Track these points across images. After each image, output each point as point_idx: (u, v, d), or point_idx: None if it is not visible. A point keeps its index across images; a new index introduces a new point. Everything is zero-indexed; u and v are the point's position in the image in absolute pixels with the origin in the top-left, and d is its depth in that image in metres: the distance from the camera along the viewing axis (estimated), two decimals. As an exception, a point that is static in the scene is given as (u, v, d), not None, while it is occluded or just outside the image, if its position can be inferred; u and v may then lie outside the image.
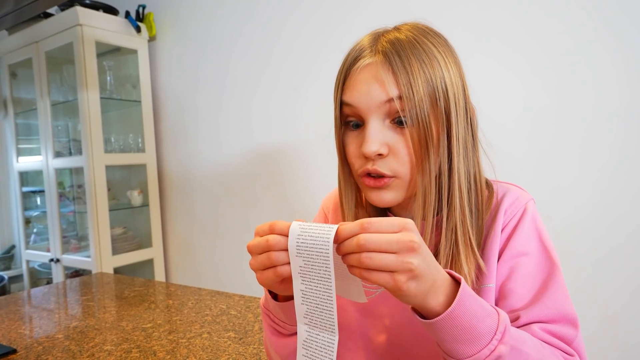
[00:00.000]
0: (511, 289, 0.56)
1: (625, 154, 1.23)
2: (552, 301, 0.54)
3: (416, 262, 0.41)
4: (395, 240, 0.41)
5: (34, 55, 2.30)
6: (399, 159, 0.56)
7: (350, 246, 0.42)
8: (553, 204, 1.33)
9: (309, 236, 0.44)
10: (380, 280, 0.41)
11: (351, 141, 0.59)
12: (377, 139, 0.55)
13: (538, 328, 0.53)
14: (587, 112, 1.28)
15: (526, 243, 0.58)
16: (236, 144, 2.10)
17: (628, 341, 1.25)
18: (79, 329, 1.08)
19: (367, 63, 0.55)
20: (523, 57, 1.36)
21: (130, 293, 1.36)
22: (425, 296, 0.43)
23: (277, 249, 0.45)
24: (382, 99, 0.54)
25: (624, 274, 1.25)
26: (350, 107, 0.57)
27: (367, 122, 0.56)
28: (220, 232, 2.21)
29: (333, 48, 1.75)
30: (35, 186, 2.63)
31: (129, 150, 2.35)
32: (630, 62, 1.21)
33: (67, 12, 2.09)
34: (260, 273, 0.47)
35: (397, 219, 0.42)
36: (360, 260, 0.41)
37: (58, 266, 2.33)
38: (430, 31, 0.58)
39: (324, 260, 0.43)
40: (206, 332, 1.02)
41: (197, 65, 2.21)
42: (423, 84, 0.53)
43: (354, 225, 0.42)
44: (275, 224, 0.46)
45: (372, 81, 0.54)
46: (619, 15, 1.21)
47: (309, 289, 0.45)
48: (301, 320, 0.47)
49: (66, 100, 2.27)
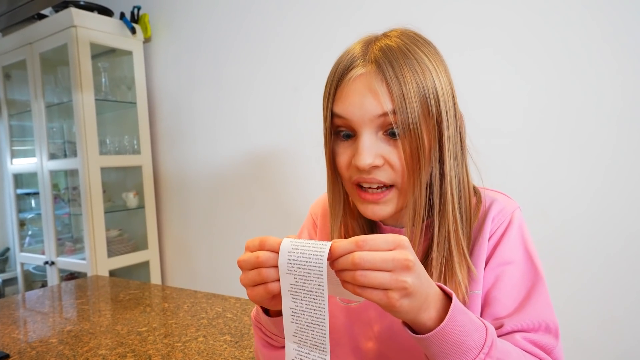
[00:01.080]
0: (496, 297, 0.57)
1: (627, 156, 1.23)
2: (534, 310, 0.55)
3: (410, 281, 0.41)
4: (390, 259, 0.41)
5: (28, 56, 2.28)
6: (395, 169, 0.56)
7: (345, 264, 0.42)
8: (553, 207, 1.33)
9: (301, 253, 0.43)
10: (374, 297, 0.41)
11: (342, 151, 0.58)
12: (372, 151, 0.54)
13: (520, 337, 0.54)
14: (588, 114, 1.28)
15: (512, 252, 0.58)
16: (232, 146, 2.09)
17: (627, 344, 1.25)
18: (73, 333, 1.07)
19: (359, 73, 0.54)
20: (526, 57, 1.35)
21: (125, 296, 1.35)
22: (417, 312, 0.44)
23: (268, 265, 0.45)
24: (377, 112, 0.53)
25: (624, 277, 1.24)
26: (342, 119, 0.56)
27: (360, 134, 0.55)
28: (216, 234, 2.21)
29: (329, 48, 1.74)
30: (30, 188, 2.61)
31: (124, 152, 2.33)
32: (632, 64, 1.21)
33: (62, 13, 2.08)
34: (250, 289, 0.47)
35: (391, 237, 0.42)
36: (355, 278, 0.41)
37: (53, 269, 2.32)
38: (420, 39, 0.57)
39: (316, 279, 0.42)
40: (202, 335, 1.02)
41: (192, 67, 2.20)
42: (415, 95, 0.53)
43: (348, 243, 0.42)
44: (266, 239, 0.46)
45: (366, 93, 0.54)
46: (622, 15, 1.21)
47: (300, 307, 0.44)
48: (290, 338, 0.46)
49: (61, 102, 2.26)
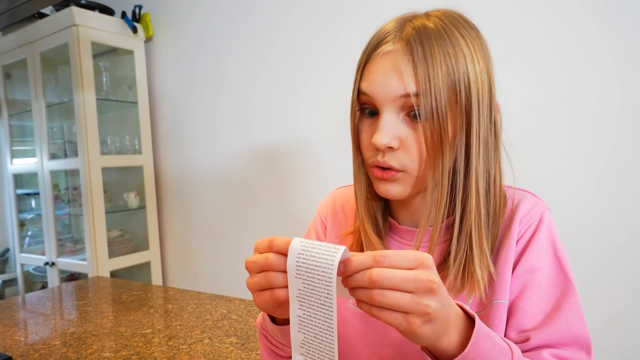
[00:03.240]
0: (522, 307, 0.53)
1: (628, 152, 1.23)
2: (564, 323, 0.52)
3: (434, 305, 0.38)
4: (412, 278, 0.37)
5: (28, 55, 2.26)
6: (409, 154, 0.54)
7: (362, 280, 0.38)
8: (555, 203, 1.32)
9: (310, 256, 0.39)
10: (393, 320, 0.38)
11: (365, 129, 0.57)
12: (390, 131, 0.53)
13: (548, 354, 0.50)
14: (589, 110, 1.27)
15: (541, 257, 0.55)
16: (234, 145, 2.08)
17: (631, 340, 1.24)
18: (76, 335, 1.05)
19: (388, 50, 0.53)
20: (525, 56, 1.35)
21: (128, 297, 1.34)
22: (438, 337, 0.40)
23: (276, 269, 0.42)
24: (399, 92, 0.52)
25: (627, 273, 1.24)
26: (367, 96, 0.55)
27: (381, 113, 0.54)
28: (218, 234, 2.19)
29: (332, 46, 1.73)
30: (30, 188, 2.59)
31: (125, 151, 2.32)
32: (633, 61, 1.20)
33: (63, 12, 2.06)
34: (256, 294, 0.44)
35: (413, 254, 0.39)
36: (372, 297, 0.38)
37: (53, 270, 2.30)
38: (463, 21, 0.55)
39: (325, 285, 0.38)
40: (207, 337, 1.00)
41: (194, 66, 2.19)
42: (443, 78, 0.50)
43: (366, 257, 0.39)
44: (275, 239, 0.42)
45: (391, 71, 0.52)
46: (621, 14, 1.21)
47: (307, 315, 0.41)
48: (297, 349, 0.43)
49: (61, 102, 2.24)
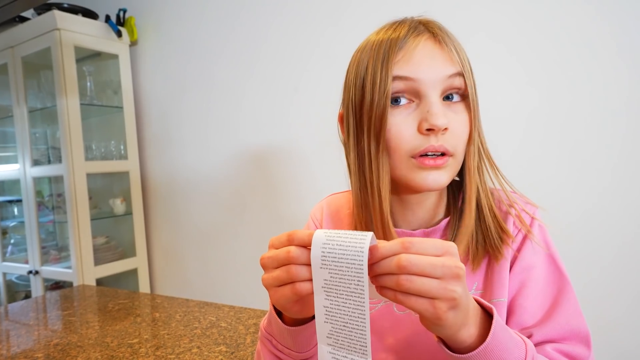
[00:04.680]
0: (522, 304, 0.54)
1: (620, 155, 1.23)
2: (563, 318, 0.53)
3: (460, 291, 0.38)
4: (440, 265, 0.38)
5: (9, 60, 2.22)
6: (457, 136, 0.54)
7: (389, 266, 0.38)
8: (545, 207, 1.32)
9: (337, 245, 0.39)
10: (419, 306, 0.38)
11: (403, 120, 0.53)
12: (443, 112, 0.52)
13: (551, 349, 0.51)
14: (581, 112, 1.27)
15: (535, 255, 0.57)
16: (222, 150, 2.06)
17: (627, 344, 1.24)
18: (60, 346, 1.02)
19: (420, 40, 0.53)
20: (515, 58, 1.35)
21: (114, 306, 1.31)
22: (460, 327, 0.41)
23: (299, 262, 0.41)
24: (448, 72, 0.53)
25: (623, 278, 1.24)
26: (408, 82, 0.52)
27: (428, 96, 0.52)
28: (206, 240, 2.16)
29: (326, 48, 1.73)
30: (12, 195, 2.54)
31: (110, 157, 2.28)
32: (627, 62, 1.20)
33: (44, 16, 2.02)
34: (274, 290, 0.43)
35: (440, 242, 0.39)
36: (399, 283, 0.38)
37: (37, 278, 2.25)
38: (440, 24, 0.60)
39: (356, 272, 0.39)
40: (196, 346, 0.98)
41: (181, 70, 2.17)
42: (469, 64, 0.55)
43: (394, 244, 0.39)
44: (295, 233, 0.41)
45: (436, 54, 0.53)
46: (614, 13, 1.21)
47: (335, 305, 0.41)
48: (323, 340, 0.43)
49: (44, 107, 2.20)
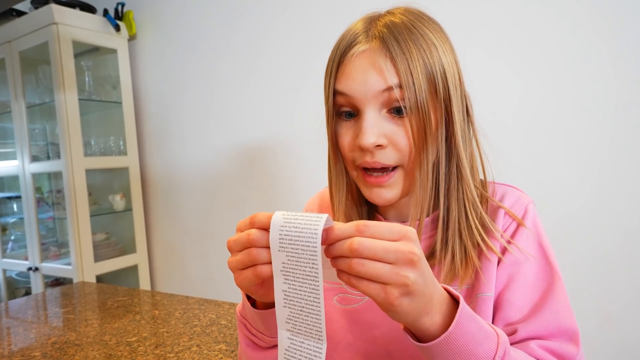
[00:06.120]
0: (509, 299, 0.53)
1: (623, 152, 1.22)
2: (551, 314, 0.51)
3: (413, 277, 0.37)
4: (394, 250, 0.36)
5: (6, 55, 2.19)
6: (399, 149, 0.53)
7: (342, 249, 0.37)
8: (548, 203, 1.31)
9: (293, 227, 0.38)
10: (371, 291, 0.37)
11: (345, 132, 0.55)
12: (375, 130, 0.51)
13: (536, 345, 0.49)
14: (584, 109, 1.26)
15: (526, 249, 0.55)
16: (222, 145, 2.04)
17: (624, 340, 1.24)
18: (57, 345, 1.01)
19: (362, 49, 0.52)
20: (518, 52, 1.33)
21: (113, 303, 1.30)
22: (419, 315, 0.39)
23: (259, 245, 0.40)
24: (381, 87, 0.51)
25: (622, 273, 1.23)
26: (345, 97, 0.53)
27: (363, 112, 0.52)
28: (206, 236, 2.15)
29: (326, 44, 1.70)
30: (12, 192, 2.52)
31: (110, 153, 2.26)
32: (628, 60, 1.19)
33: (42, 10, 2.00)
34: (238, 273, 0.42)
35: (397, 226, 0.38)
36: (351, 266, 0.37)
37: (37, 275, 2.24)
38: (425, 16, 0.55)
39: (310, 255, 0.37)
40: (195, 344, 0.97)
41: (180, 64, 2.14)
42: (422, 71, 0.51)
43: (348, 227, 0.37)
44: (256, 215, 0.41)
45: (369, 69, 0.51)
46: (617, 11, 1.19)
47: (293, 289, 0.39)
48: (283, 325, 0.42)
49: (43, 102, 2.18)
